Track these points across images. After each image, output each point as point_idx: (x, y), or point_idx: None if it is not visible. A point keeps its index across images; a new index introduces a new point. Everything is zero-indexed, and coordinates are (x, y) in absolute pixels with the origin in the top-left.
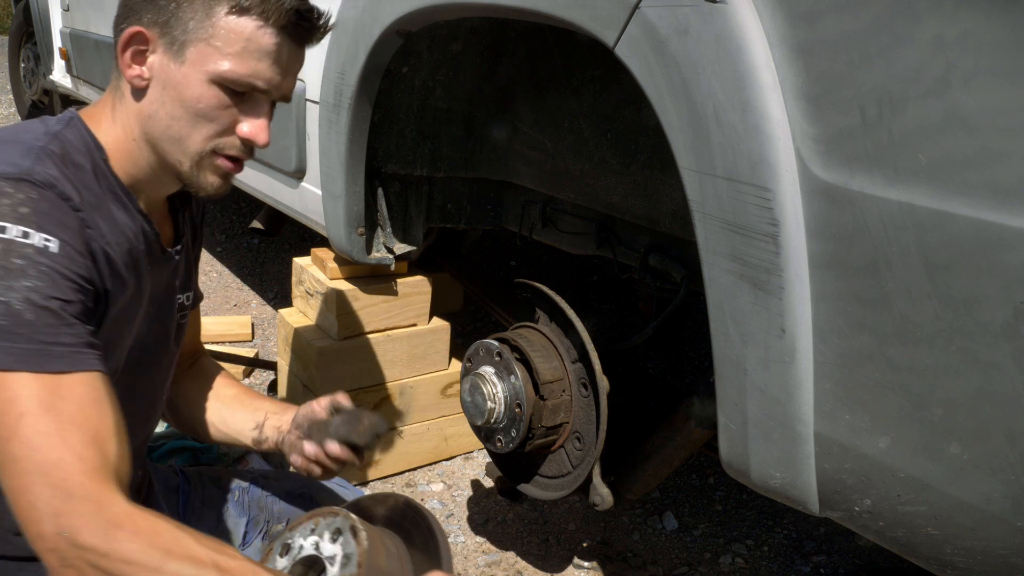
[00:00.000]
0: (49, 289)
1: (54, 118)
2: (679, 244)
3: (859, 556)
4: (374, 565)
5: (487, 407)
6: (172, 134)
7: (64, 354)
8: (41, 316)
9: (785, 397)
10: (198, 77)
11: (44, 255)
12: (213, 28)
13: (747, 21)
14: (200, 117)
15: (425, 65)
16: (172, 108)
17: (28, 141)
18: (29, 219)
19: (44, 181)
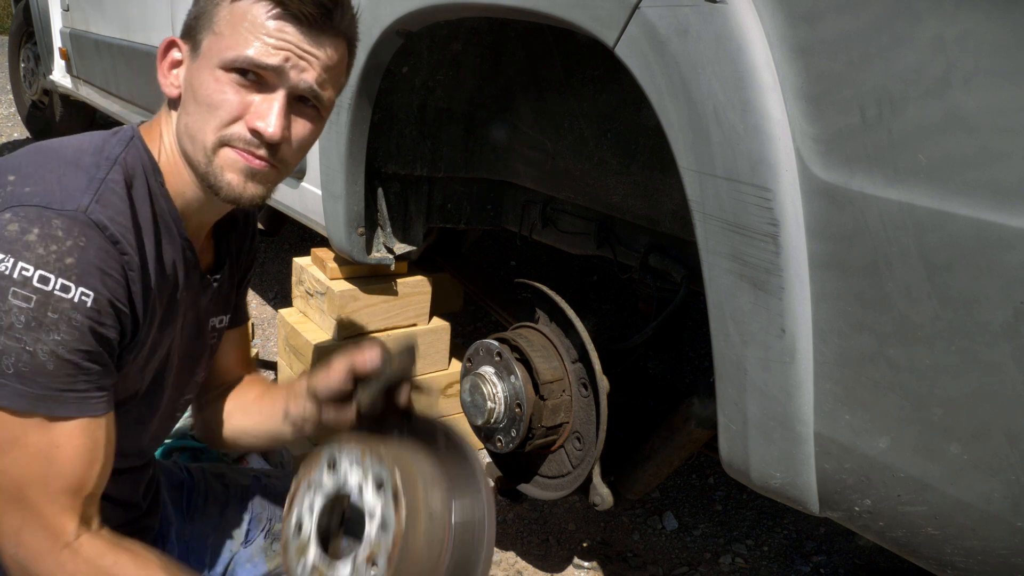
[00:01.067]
0: (76, 343)
1: (115, 135)
2: (679, 244)
3: (859, 556)
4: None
5: (487, 407)
6: (190, 132)
7: (73, 400)
8: (61, 367)
9: (785, 397)
10: (207, 68)
11: (79, 310)
12: (218, 17)
13: (747, 21)
14: (209, 107)
15: (425, 65)
16: (191, 107)
17: (90, 168)
18: (72, 271)
19: (98, 222)
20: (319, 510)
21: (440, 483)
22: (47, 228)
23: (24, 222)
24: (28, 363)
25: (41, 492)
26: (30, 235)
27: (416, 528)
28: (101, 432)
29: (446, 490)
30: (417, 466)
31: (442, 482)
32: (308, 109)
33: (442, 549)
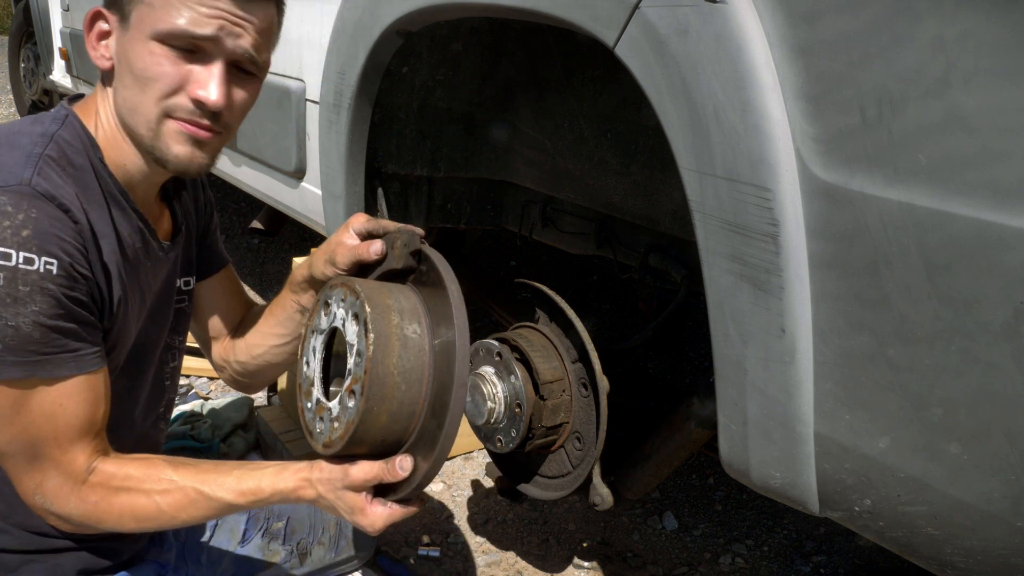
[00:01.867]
0: (55, 308)
1: (49, 116)
2: (679, 244)
3: (859, 556)
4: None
5: (487, 407)
6: (129, 106)
7: (70, 359)
8: (47, 334)
9: (785, 397)
10: (140, 40)
11: (47, 279)
12: None
13: (747, 21)
14: (147, 80)
15: (425, 65)
16: (126, 79)
17: (26, 146)
18: (31, 242)
19: (45, 192)
20: (320, 351)
21: (419, 314)
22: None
23: None
24: (15, 336)
25: (53, 447)
26: None
27: (387, 355)
28: (100, 383)
29: (425, 321)
30: (395, 299)
31: (421, 314)
32: (245, 73)
33: (423, 375)
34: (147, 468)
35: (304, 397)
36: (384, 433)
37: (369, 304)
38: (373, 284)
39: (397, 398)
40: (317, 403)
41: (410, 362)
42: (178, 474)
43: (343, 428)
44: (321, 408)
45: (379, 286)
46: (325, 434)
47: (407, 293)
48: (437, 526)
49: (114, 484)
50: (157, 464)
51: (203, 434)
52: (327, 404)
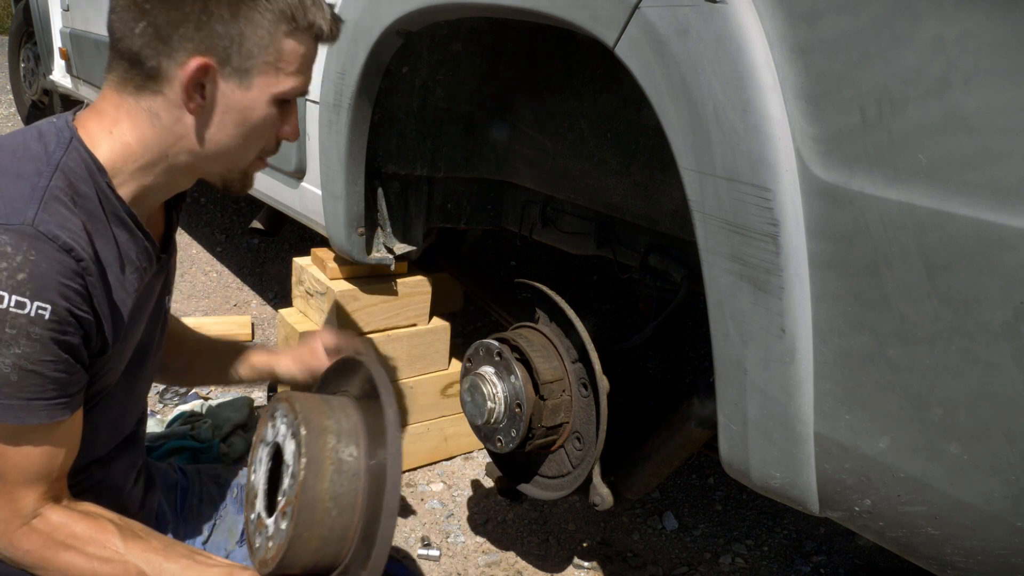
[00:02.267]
0: (38, 355)
1: (53, 136)
2: (679, 244)
3: (859, 556)
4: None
5: (487, 407)
6: (231, 151)
7: (42, 408)
8: (26, 378)
9: (785, 397)
10: (264, 100)
11: (37, 324)
12: (277, 52)
13: (747, 21)
14: (260, 133)
15: (425, 65)
16: (233, 130)
17: (31, 177)
18: (25, 287)
19: (48, 233)
20: (267, 462)
21: (358, 435)
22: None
23: None
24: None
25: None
26: None
27: (319, 480)
28: (66, 431)
29: (364, 443)
30: (335, 419)
31: (361, 434)
32: None
33: (356, 500)
34: (95, 531)
35: (249, 507)
36: (316, 556)
37: (306, 426)
38: (316, 402)
39: (327, 524)
40: (258, 518)
41: (343, 487)
42: (126, 546)
43: (275, 549)
44: (260, 523)
45: (321, 404)
46: (261, 551)
47: (350, 411)
48: (437, 526)
49: (56, 538)
50: (106, 528)
51: (203, 434)
52: (265, 521)
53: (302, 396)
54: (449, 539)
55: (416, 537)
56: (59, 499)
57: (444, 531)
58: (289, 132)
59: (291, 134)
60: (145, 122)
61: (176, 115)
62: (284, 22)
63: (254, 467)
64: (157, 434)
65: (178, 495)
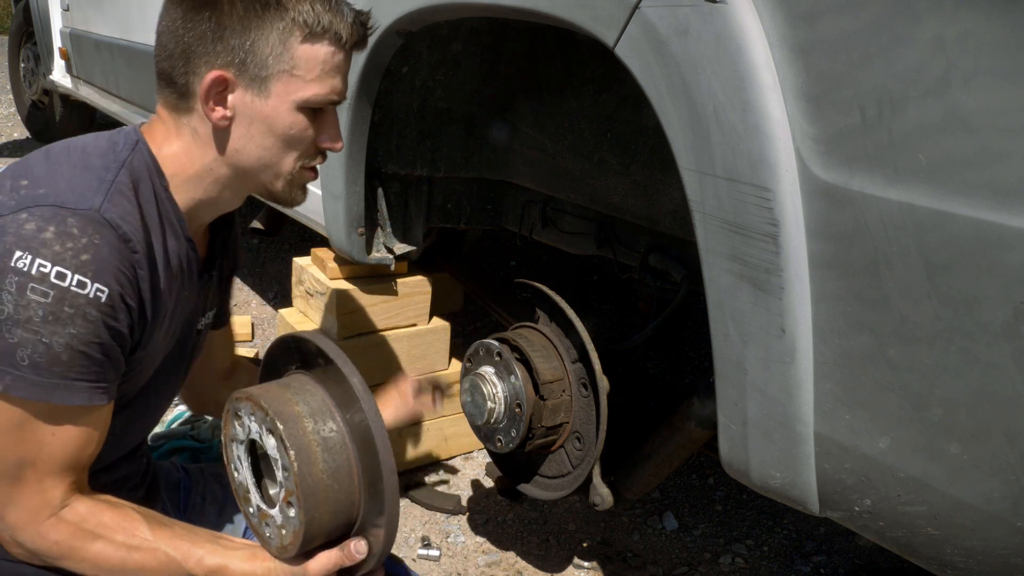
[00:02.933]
0: (90, 336)
1: (122, 138)
2: (679, 244)
3: (859, 556)
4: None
5: (487, 407)
6: (265, 163)
7: (84, 389)
8: (75, 358)
9: (785, 397)
10: (286, 107)
11: (94, 305)
12: (292, 59)
13: (747, 21)
14: (292, 142)
15: (425, 65)
16: (263, 140)
17: (99, 170)
18: (87, 267)
19: (111, 221)
20: (247, 458)
21: (329, 409)
22: (62, 226)
23: (40, 220)
24: (44, 354)
25: (33, 470)
26: (47, 233)
27: (312, 465)
28: (101, 419)
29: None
30: (303, 402)
31: (332, 407)
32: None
33: (351, 467)
34: (122, 519)
35: (244, 503)
36: (331, 527)
37: (280, 420)
38: (277, 391)
39: (333, 498)
40: (259, 510)
41: (336, 461)
42: (153, 534)
43: (291, 535)
44: (264, 515)
45: (283, 391)
46: (275, 540)
47: (311, 387)
48: (437, 526)
49: (85, 527)
50: (131, 516)
51: (203, 434)
52: (269, 512)
53: (261, 390)
54: (449, 539)
55: (416, 537)
56: (83, 490)
57: (444, 531)
58: (328, 141)
59: (331, 143)
60: (188, 137)
61: (210, 130)
62: (297, 29)
63: (234, 465)
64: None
65: (181, 494)
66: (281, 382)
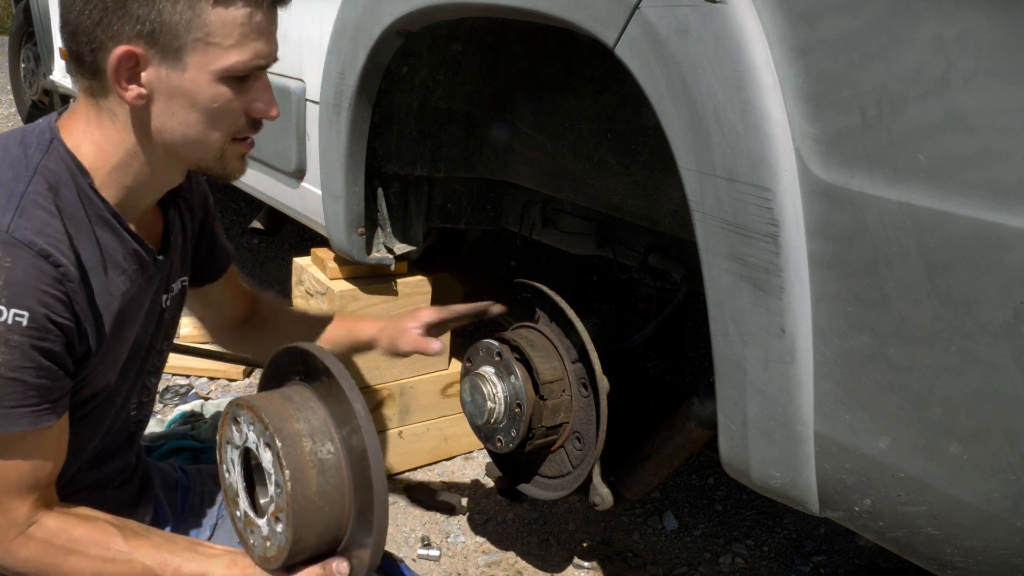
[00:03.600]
0: (18, 361)
1: (35, 139)
2: (679, 244)
3: (859, 556)
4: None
5: (487, 407)
6: (191, 139)
7: (26, 415)
8: (7, 385)
9: (785, 397)
10: (206, 79)
11: (15, 331)
12: (206, 26)
13: (747, 21)
14: (217, 115)
15: (425, 65)
16: (185, 116)
17: (8, 182)
18: (1, 294)
19: (23, 240)
20: (239, 462)
21: (329, 430)
22: None
23: None
24: None
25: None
26: None
27: (306, 486)
28: (53, 436)
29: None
30: (303, 420)
31: (331, 428)
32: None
33: (343, 491)
34: (95, 532)
35: (231, 504)
36: (315, 547)
37: (279, 437)
38: (279, 404)
39: (323, 519)
40: (246, 515)
41: (329, 484)
42: (129, 545)
43: (276, 550)
44: (251, 522)
45: (285, 405)
46: (259, 549)
47: (313, 404)
48: (437, 526)
49: (56, 543)
50: (105, 529)
51: (203, 434)
52: (256, 521)
53: (263, 401)
54: (449, 539)
55: (416, 537)
56: (51, 505)
57: (444, 531)
58: (261, 109)
59: (263, 111)
60: (107, 121)
61: (128, 111)
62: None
63: (226, 467)
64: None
65: (179, 494)
66: (284, 393)
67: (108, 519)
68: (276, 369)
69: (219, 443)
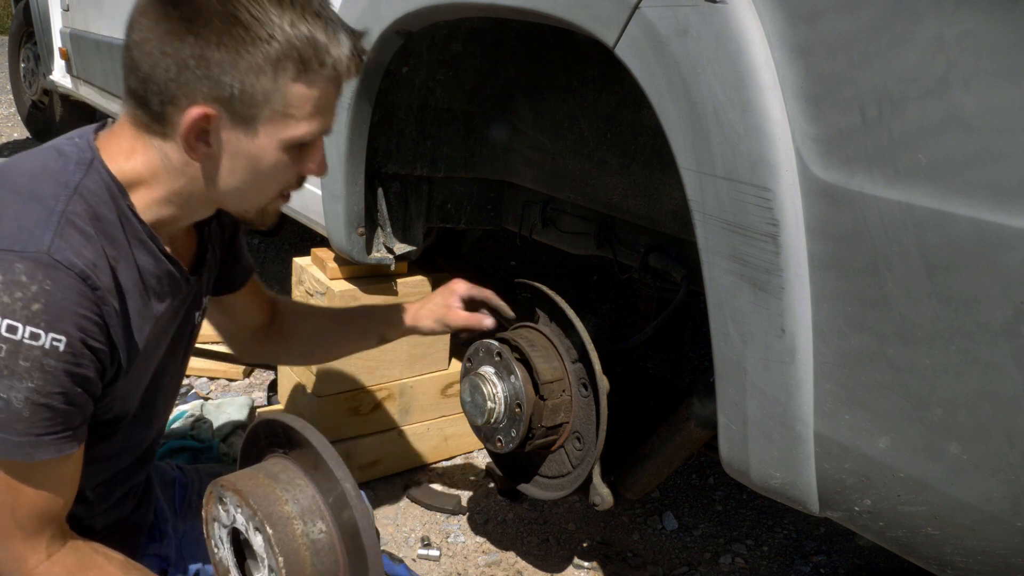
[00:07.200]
0: (51, 387)
1: (74, 155)
2: (679, 244)
3: (859, 556)
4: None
5: (487, 407)
6: (243, 194)
7: (51, 442)
8: (37, 412)
9: (785, 397)
10: (273, 146)
11: (51, 355)
12: (284, 99)
13: (747, 21)
14: (274, 177)
15: (425, 65)
16: (243, 175)
17: (48, 200)
18: (39, 317)
19: (63, 261)
20: (228, 539)
21: (319, 508)
22: (10, 274)
23: None
24: (3, 409)
25: (8, 518)
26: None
27: (301, 570)
28: (73, 463)
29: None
30: (292, 501)
31: (321, 505)
32: None
33: (338, 569)
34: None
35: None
36: None
37: (269, 523)
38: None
39: None
40: None
41: (324, 564)
42: None
43: None
44: None
45: (272, 486)
46: None
47: (299, 482)
48: (437, 526)
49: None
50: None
51: (203, 434)
52: None
53: (249, 483)
54: (449, 539)
55: (416, 537)
56: (66, 537)
57: (444, 531)
58: (314, 170)
59: (315, 171)
60: (157, 160)
61: (185, 159)
62: (291, 65)
63: (215, 543)
64: None
65: (176, 492)
66: (269, 472)
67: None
68: (255, 441)
69: (205, 519)
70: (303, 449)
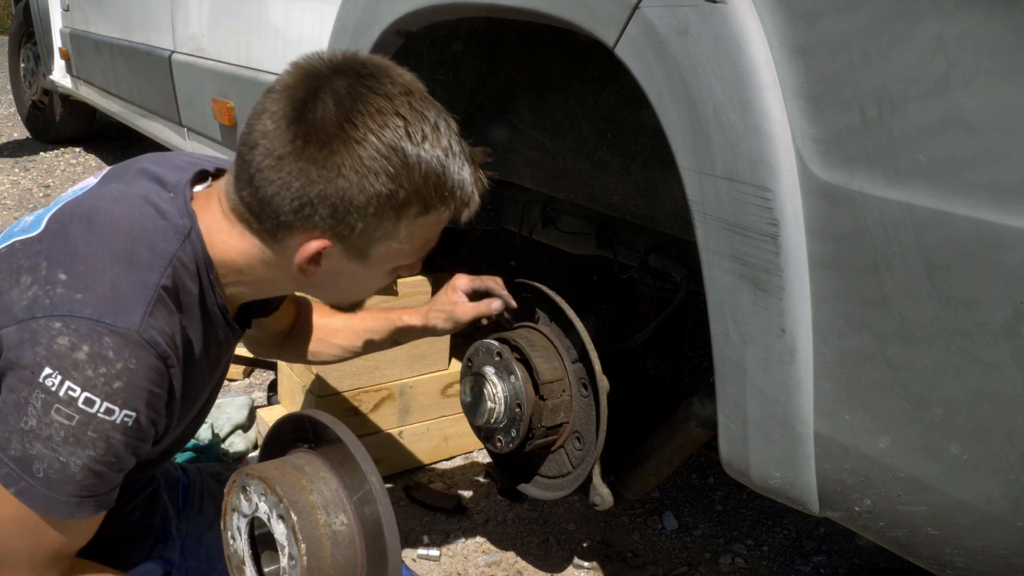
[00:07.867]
0: (110, 456)
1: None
2: (679, 244)
3: (859, 556)
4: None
5: (487, 407)
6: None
7: (91, 504)
8: (88, 477)
9: (785, 397)
10: (381, 270)
11: (119, 430)
12: (399, 235)
13: (747, 21)
14: (374, 288)
15: (425, 65)
16: (347, 287)
17: (143, 271)
18: (118, 395)
19: (150, 340)
20: (246, 531)
21: (342, 501)
22: (98, 346)
23: (75, 336)
24: (59, 471)
25: (24, 560)
26: (79, 352)
27: (321, 559)
28: (95, 522)
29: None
30: (317, 492)
31: (344, 499)
32: None
33: (356, 562)
34: None
35: (236, 572)
36: None
37: (294, 510)
38: (292, 476)
39: None
40: None
41: (343, 556)
42: None
43: None
44: None
45: (298, 476)
46: None
47: (324, 474)
48: (437, 526)
49: None
50: None
51: (203, 434)
52: None
53: (276, 472)
54: (449, 539)
55: (416, 537)
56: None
57: (444, 531)
58: (406, 272)
59: (408, 273)
60: (256, 256)
61: (288, 269)
62: (416, 207)
63: (231, 534)
64: None
65: (179, 492)
66: (294, 464)
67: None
68: (280, 436)
69: (224, 510)
70: (330, 444)
